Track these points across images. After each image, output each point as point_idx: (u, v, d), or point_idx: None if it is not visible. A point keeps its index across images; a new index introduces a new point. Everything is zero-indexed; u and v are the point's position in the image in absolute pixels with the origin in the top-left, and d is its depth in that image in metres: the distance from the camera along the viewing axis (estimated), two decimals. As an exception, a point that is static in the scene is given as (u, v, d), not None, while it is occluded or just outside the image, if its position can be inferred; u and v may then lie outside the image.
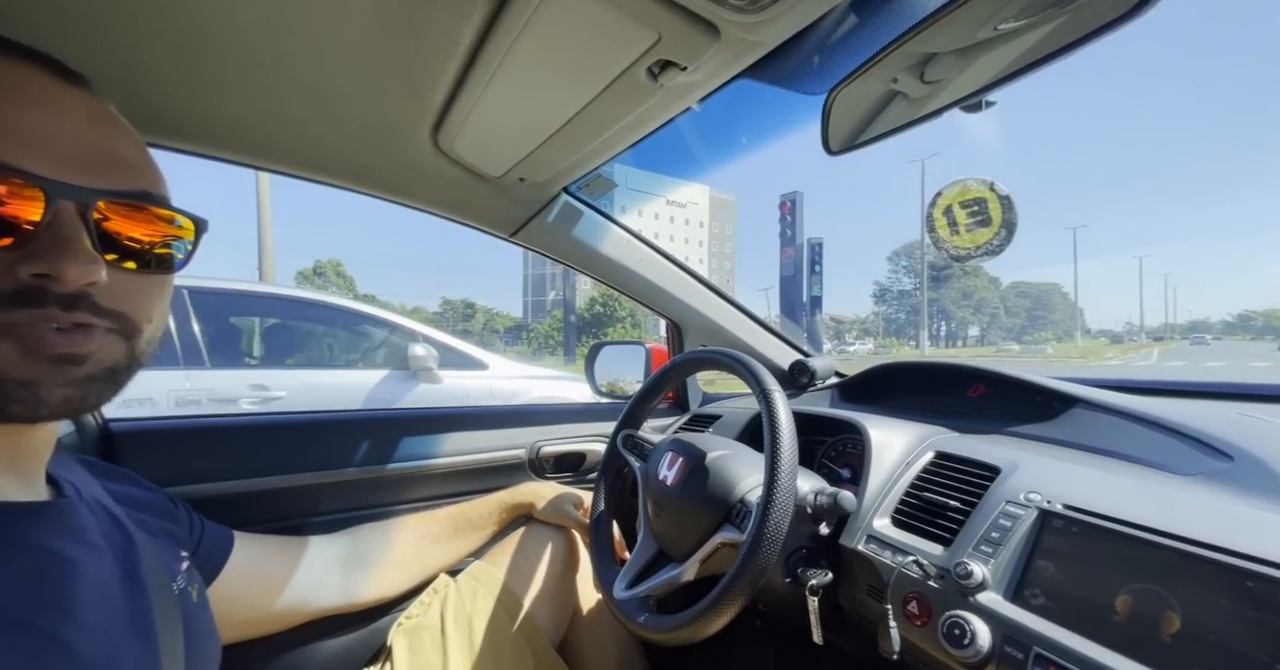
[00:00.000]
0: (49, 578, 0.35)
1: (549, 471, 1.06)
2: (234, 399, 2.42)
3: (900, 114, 0.58)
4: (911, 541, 0.58)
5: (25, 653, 0.32)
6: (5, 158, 0.30)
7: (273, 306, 2.96)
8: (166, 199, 0.38)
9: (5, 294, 0.30)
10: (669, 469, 0.70)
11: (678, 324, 1.16)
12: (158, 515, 0.51)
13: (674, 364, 0.80)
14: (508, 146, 0.75)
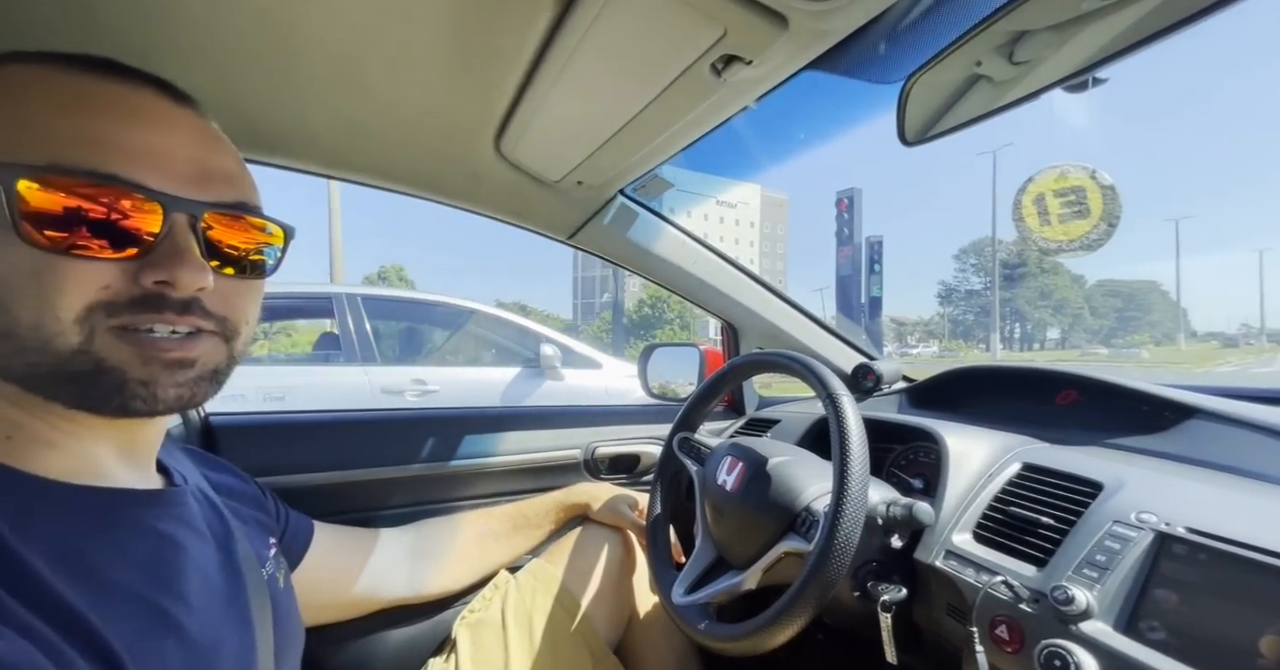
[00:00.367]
0: (163, 560, 0.38)
1: (604, 472, 1.07)
2: (399, 391, 2.75)
3: (983, 100, 0.54)
4: (997, 559, 0.53)
5: (142, 625, 0.34)
6: (130, 174, 0.33)
7: (424, 310, 3.40)
8: (260, 208, 0.41)
9: (128, 299, 0.34)
10: (728, 474, 0.68)
11: (733, 326, 1.14)
12: (250, 504, 0.55)
13: (732, 366, 0.78)
14: (567, 150, 0.76)
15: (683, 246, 1.01)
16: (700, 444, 0.81)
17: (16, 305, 0.31)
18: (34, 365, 0.32)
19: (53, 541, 0.32)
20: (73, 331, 0.32)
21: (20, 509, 0.32)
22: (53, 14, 0.47)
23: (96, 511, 0.36)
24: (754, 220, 72.10)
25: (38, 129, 0.32)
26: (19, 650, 0.27)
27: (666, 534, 0.79)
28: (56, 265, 0.31)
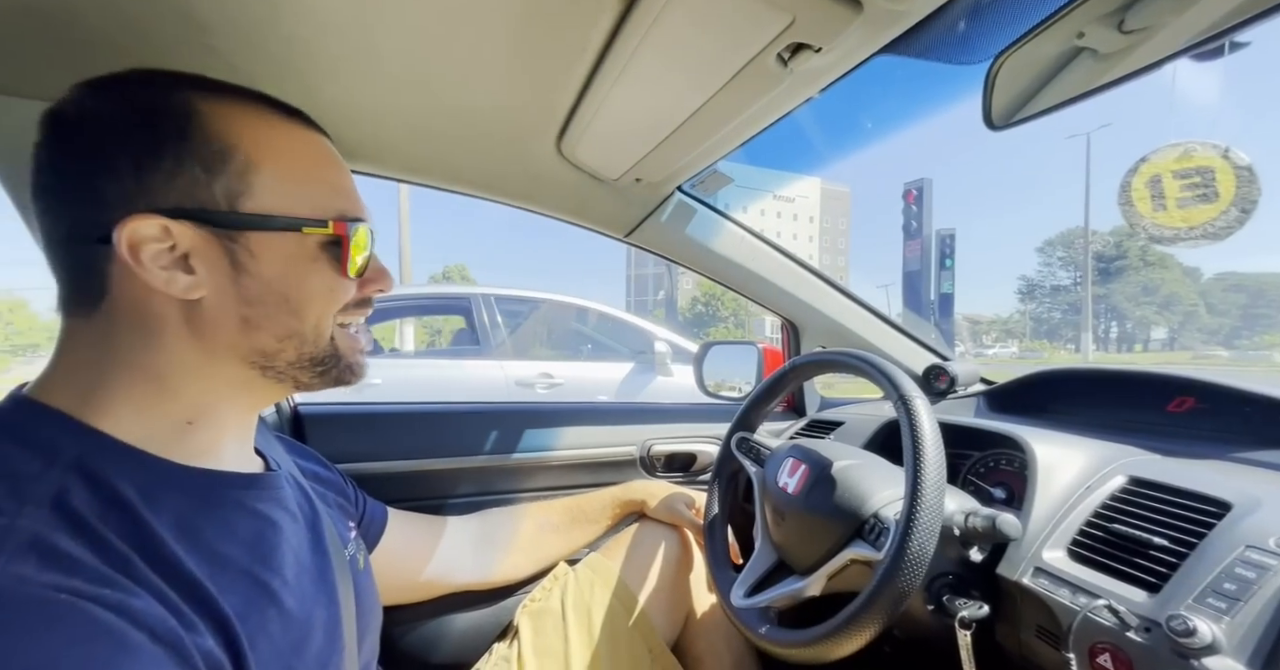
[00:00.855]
0: (263, 538, 0.41)
1: (659, 470, 1.07)
2: (530, 384, 3.01)
3: (1084, 76, 0.49)
4: (1097, 581, 0.48)
5: (249, 596, 0.38)
6: (359, 213, 0.44)
7: (544, 308, 3.65)
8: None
9: (355, 303, 0.45)
10: (790, 476, 0.66)
11: (794, 323, 1.11)
12: (333, 489, 0.60)
13: (794, 365, 0.76)
14: (626, 148, 0.77)
15: (741, 242, 0.99)
16: (759, 445, 0.80)
17: (309, 313, 0.41)
18: (304, 355, 0.42)
19: (176, 515, 0.36)
20: (329, 329, 0.43)
21: (151, 485, 0.36)
22: (170, 41, 0.52)
23: (208, 491, 0.40)
24: (813, 214, 69.66)
25: (316, 183, 0.42)
26: (153, 609, 0.30)
27: (724, 534, 0.78)
28: (341, 286, 0.42)
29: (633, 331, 3.53)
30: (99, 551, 0.31)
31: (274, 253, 0.39)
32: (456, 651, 0.81)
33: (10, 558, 0.27)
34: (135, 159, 0.36)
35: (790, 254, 1.03)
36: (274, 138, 0.40)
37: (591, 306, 3.72)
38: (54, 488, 0.32)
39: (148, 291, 0.37)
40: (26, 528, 0.29)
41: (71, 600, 0.27)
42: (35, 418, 0.35)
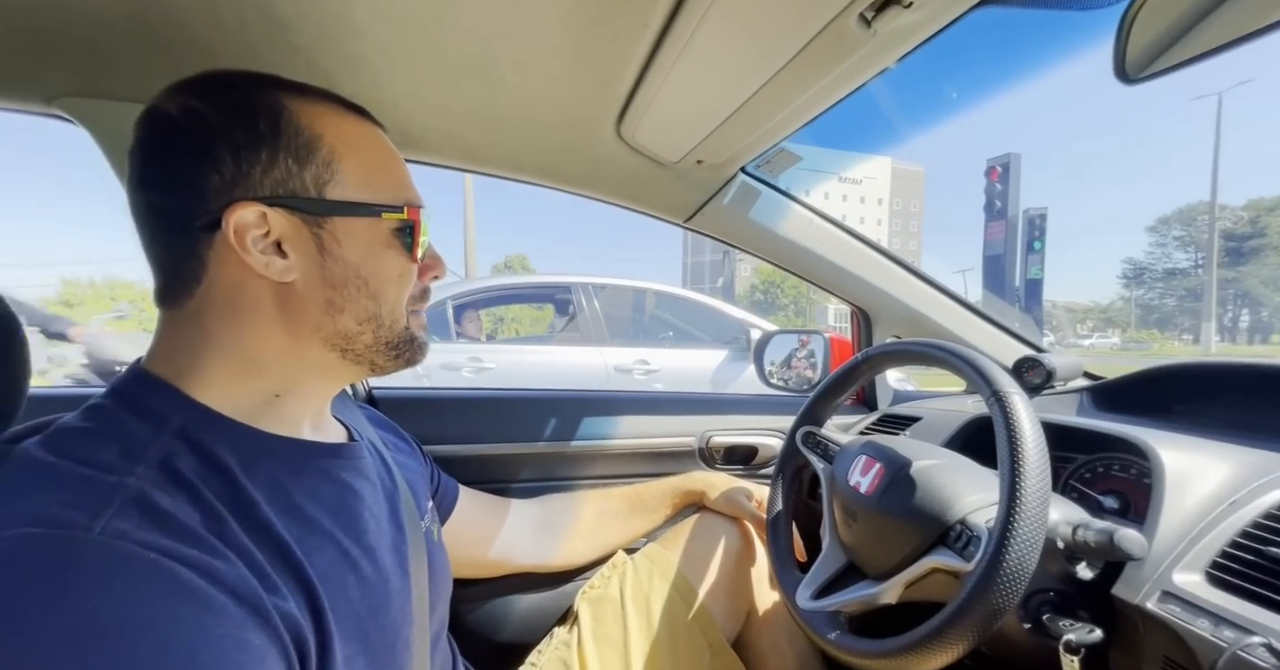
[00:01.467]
0: (345, 505, 0.43)
1: (719, 462, 1.05)
2: (629, 370, 3.14)
3: (1243, 17, 0.40)
4: (1249, 613, 0.41)
5: (332, 559, 0.40)
6: (420, 202, 0.45)
7: (639, 296, 3.78)
8: None
9: (418, 291, 0.47)
10: (862, 475, 0.62)
11: (865, 311, 1.04)
12: (412, 460, 0.62)
13: (867, 357, 0.71)
14: (688, 129, 0.74)
15: (809, 225, 0.94)
16: (827, 440, 0.75)
17: (385, 297, 0.43)
18: (380, 338, 0.44)
19: (269, 479, 0.39)
20: (404, 314, 0.45)
21: (247, 452, 0.38)
22: (255, 41, 0.55)
23: (298, 458, 0.42)
24: (883, 196, 65.71)
25: (388, 172, 0.44)
26: (236, 571, 0.32)
27: (789, 532, 0.75)
28: (410, 270, 0.44)
29: (726, 319, 3.53)
30: (198, 511, 0.33)
31: (355, 238, 0.42)
32: (519, 630, 0.84)
33: (116, 512, 0.30)
34: (235, 152, 0.38)
35: (862, 236, 0.96)
36: (351, 131, 0.43)
37: (686, 294, 3.79)
38: (163, 451, 0.35)
39: (244, 276, 0.39)
40: (134, 485, 0.31)
41: (158, 558, 0.29)
42: (147, 389, 0.38)
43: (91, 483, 0.31)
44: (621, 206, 0.92)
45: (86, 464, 0.32)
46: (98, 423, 0.36)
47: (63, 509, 0.29)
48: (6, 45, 0.53)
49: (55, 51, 0.55)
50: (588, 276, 3.38)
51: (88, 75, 0.57)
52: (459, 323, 3.14)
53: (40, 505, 0.29)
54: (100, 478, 0.31)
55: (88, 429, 0.35)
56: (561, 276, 3.52)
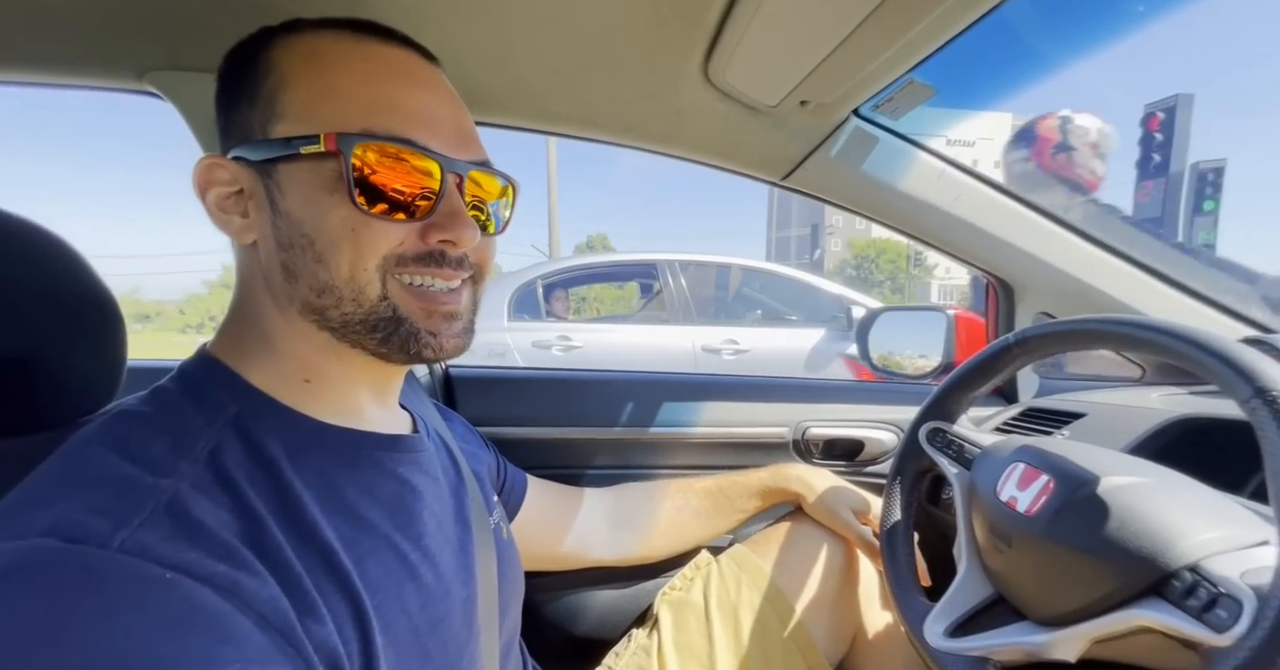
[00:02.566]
0: (404, 503, 0.39)
1: (817, 456, 0.93)
2: (716, 350, 3.09)
3: None
4: None
5: (388, 566, 0.35)
6: (419, 138, 0.34)
7: (725, 273, 3.70)
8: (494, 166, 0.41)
9: (415, 255, 0.36)
10: (1020, 489, 0.48)
11: (1006, 283, 0.85)
12: (479, 452, 0.58)
13: (1024, 337, 0.55)
14: (790, 62, 0.61)
15: (939, 178, 0.77)
16: (962, 439, 0.61)
17: (336, 259, 0.34)
18: (348, 315, 0.35)
19: (318, 474, 0.35)
20: (375, 281, 0.35)
21: (297, 443, 0.35)
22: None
23: (350, 450, 0.38)
24: (999, 158, 58.13)
25: (349, 97, 0.35)
26: (267, 590, 0.28)
27: (909, 548, 0.62)
28: (369, 224, 0.34)
29: (822, 296, 3.34)
30: (236, 516, 0.30)
31: (296, 184, 0.34)
32: (596, 627, 0.80)
33: (145, 520, 0.27)
34: (223, 106, 0.36)
35: (1009, 190, 0.78)
36: (324, 52, 0.36)
37: (778, 270, 3.65)
38: (212, 443, 0.32)
39: (233, 241, 0.37)
40: (171, 488, 0.29)
41: (177, 578, 0.26)
42: (209, 373, 0.37)
43: (128, 483, 0.29)
44: (709, 165, 0.81)
45: (132, 459, 0.30)
46: (157, 408, 0.34)
47: (88, 515, 0.26)
48: (101, 24, 0.54)
49: (143, 27, 0.55)
50: (672, 254, 3.29)
51: (171, 48, 0.58)
52: (548, 302, 3.21)
53: (68, 509, 0.26)
54: (138, 478, 0.29)
55: (146, 416, 0.33)
56: (646, 254, 3.47)
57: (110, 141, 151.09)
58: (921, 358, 1.20)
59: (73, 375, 0.44)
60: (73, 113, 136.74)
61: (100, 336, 0.44)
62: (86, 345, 0.44)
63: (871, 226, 32.57)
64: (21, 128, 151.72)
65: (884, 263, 42.62)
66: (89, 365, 0.44)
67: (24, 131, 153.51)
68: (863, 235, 50.97)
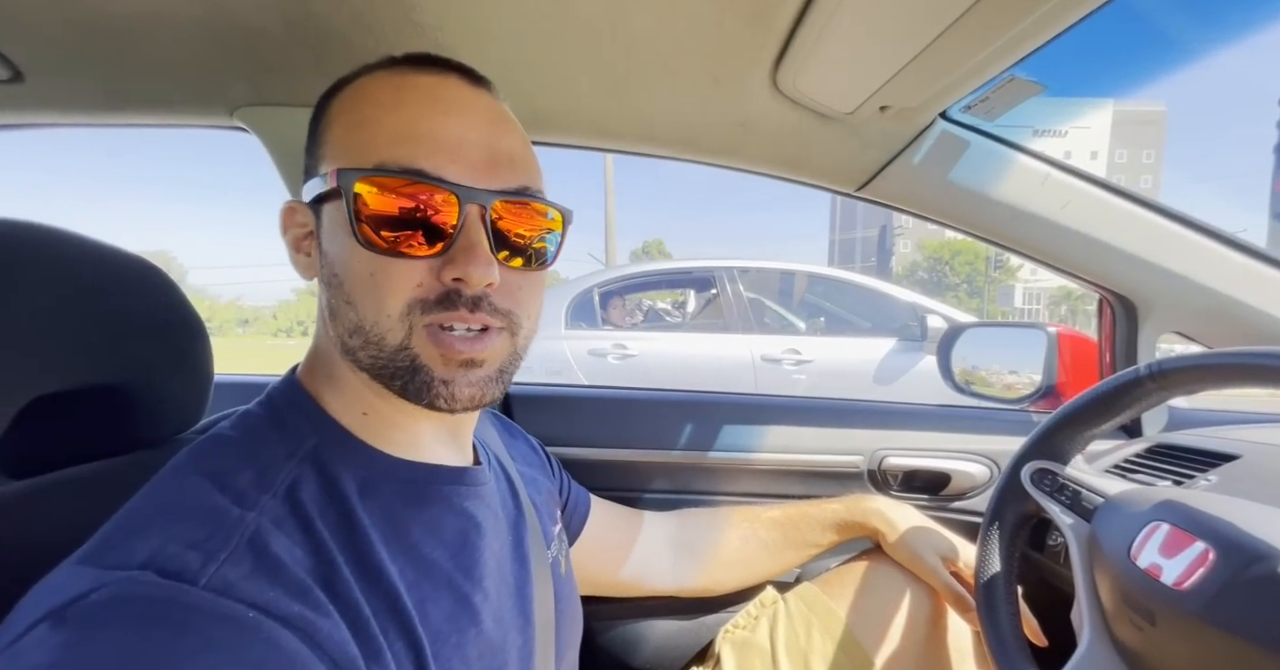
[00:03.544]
0: (468, 542, 0.38)
1: (895, 488, 0.85)
2: (777, 360, 3.00)
3: None
4: None
5: (451, 611, 0.34)
6: (434, 168, 0.32)
7: (787, 280, 3.62)
8: (543, 193, 0.38)
9: (436, 297, 0.33)
10: (1166, 555, 0.40)
11: (1127, 299, 0.74)
12: (543, 475, 0.56)
13: (1164, 370, 0.47)
14: (869, 67, 0.56)
15: (1043, 183, 0.68)
16: (1078, 484, 0.53)
17: (361, 302, 0.33)
18: (374, 358, 0.34)
19: (385, 513, 0.34)
20: (398, 329, 0.33)
21: (368, 479, 0.35)
22: (384, 27, 0.53)
23: (418, 486, 0.37)
24: (1097, 149, 52.99)
25: (374, 129, 0.34)
26: (339, 633, 0.28)
27: (1013, 605, 0.55)
28: (386, 265, 0.33)
29: (891, 303, 3.14)
30: (310, 555, 0.30)
31: (330, 224, 0.34)
32: (651, 660, 0.77)
33: (230, 556, 0.28)
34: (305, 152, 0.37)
35: (1132, 194, 0.68)
36: (358, 90, 0.36)
37: (844, 276, 3.47)
38: (292, 477, 0.33)
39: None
40: (254, 523, 0.29)
41: (259, 619, 0.26)
42: (292, 401, 0.37)
43: (217, 516, 0.29)
44: (776, 177, 0.77)
45: (221, 489, 0.31)
46: (244, 435, 0.35)
47: (181, 548, 0.27)
48: (197, 65, 0.59)
49: (234, 66, 0.59)
50: (730, 260, 3.21)
51: (258, 85, 0.61)
52: (604, 310, 3.23)
53: (163, 541, 0.28)
54: (226, 510, 0.30)
55: (236, 443, 0.34)
56: (703, 261, 3.39)
57: (203, 170, 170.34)
58: (1011, 375, 1.08)
59: (167, 396, 0.46)
60: (166, 145, 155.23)
61: (191, 358, 0.47)
62: (179, 367, 0.46)
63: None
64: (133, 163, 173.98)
65: (959, 265, 39.77)
66: (181, 386, 0.47)
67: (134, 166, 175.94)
68: (935, 236, 47.90)
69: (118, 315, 0.42)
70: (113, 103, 0.65)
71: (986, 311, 33.86)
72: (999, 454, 0.83)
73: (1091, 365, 0.88)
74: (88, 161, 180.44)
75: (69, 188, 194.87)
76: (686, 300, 3.73)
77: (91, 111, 0.66)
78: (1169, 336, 0.76)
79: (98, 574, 0.26)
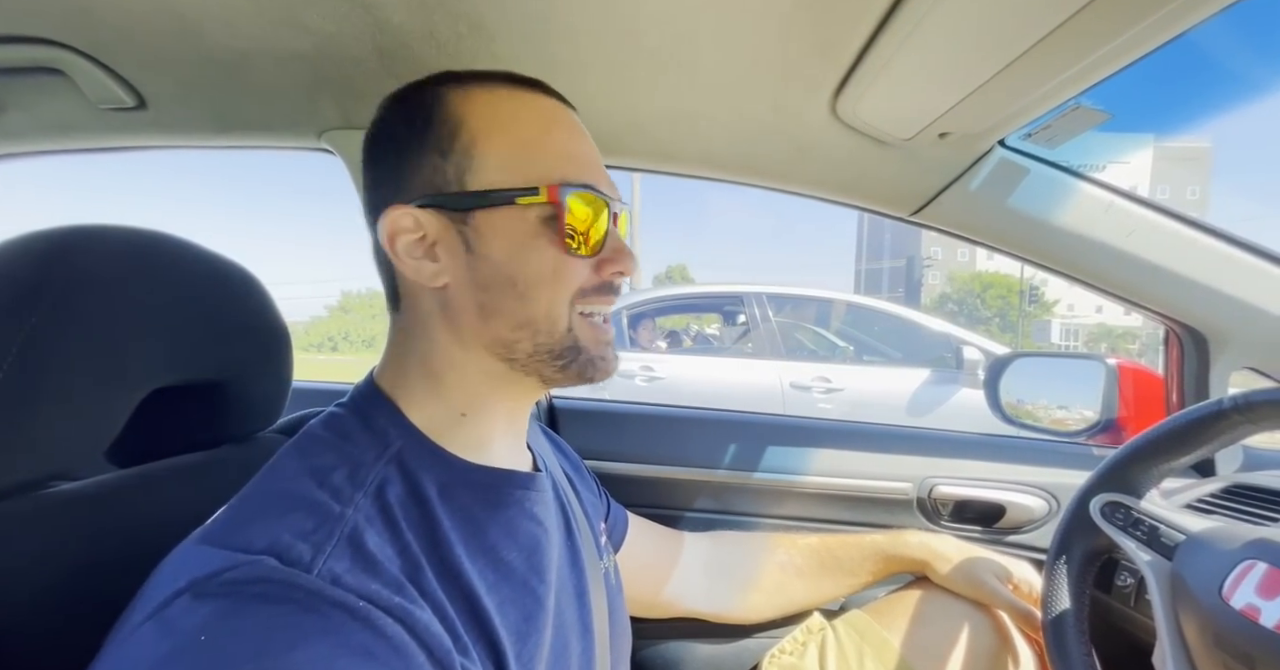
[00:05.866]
0: (537, 545, 0.39)
1: (945, 519, 0.82)
2: (807, 387, 2.97)
3: None
4: None
5: (528, 612, 0.35)
6: (592, 181, 0.38)
7: (817, 306, 3.59)
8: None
9: (592, 288, 0.39)
10: (1266, 597, 0.38)
11: (1198, 331, 0.72)
12: (588, 489, 0.57)
13: (1252, 403, 0.45)
14: (931, 96, 0.58)
15: (1107, 212, 0.68)
16: (1155, 519, 0.51)
17: (537, 296, 0.37)
18: (541, 344, 0.38)
19: (464, 515, 0.35)
20: (565, 315, 0.38)
21: (448, 482, 0.36)
22: (464, 54, 0.56)
23: (493, 490, 0.38)
24: (1138, 184, 51.65)
25: (540, 149, 0.38)
26: (434, 625, 0.29)
27: (1085, 645, 0.52)
28: (567, 263, 0.37)
29: (925, 333, 3.12)
30: (399, 554, 0.31)
31: (497, 231, 0.36)
32: None
33: (334, 549, 0.29)
34: (399, 156, 0.38)
35: (1201, 223, 0.67)
36: (501, 108, 0.38)
37: (876, 305, 3.46)
38: (380, 477, 0.34)
39: (413, 283, 0.38)
40: (352, 519, 0.31)
41: (368, 608, 0.27)
42: (376, 404, 0.39)
43: (322, 510, 0.31)
44: (832, 201, 0.78)
45: (323, 485, 0.32)
46: (336, 435, 0.36)
47: (294, 539, 0.29)
48: (295, 92, 0.63)
49: (324, 90, 0.63)
50: (759, 286, 3.20)
51: (346, 108, 0.66)
52: (633, 331, 3.25)
53: (279, 529, 0.29)
54: (329, 506, 0.31)
55: (328, 441, 0.36)
56: (731, 286, 3.39)
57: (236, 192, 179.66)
58: (1060, 410, 1.05)
59: (255, 395, 0.49)
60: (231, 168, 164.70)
61: (277, 360, 0.50)
62: (266, 369, 0.49)
63: (975, 259, 29.72)
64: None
65: (991, 298, 38.76)
66: (267, 386, 0.50)
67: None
68: (965, 268, 46.96)
69: (224, 318, 0.45)
70: (220, 128, 0.70)
71: (1020, 346, 32.84)
72: (1058, 487, 0.80)
73: (1155, 400, 0.85)
74: (105, 181, 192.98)
75: (91, 208, 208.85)
76: (716, 324, 3.73)
77: (201, 136, 0.72)
78: (1242, 374, 0.73)
79: (227, 555, 0.28)
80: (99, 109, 0.63)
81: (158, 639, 0.25)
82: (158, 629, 0.25)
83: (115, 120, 0.67)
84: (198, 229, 77.66)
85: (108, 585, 0.32)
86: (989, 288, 39.41)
